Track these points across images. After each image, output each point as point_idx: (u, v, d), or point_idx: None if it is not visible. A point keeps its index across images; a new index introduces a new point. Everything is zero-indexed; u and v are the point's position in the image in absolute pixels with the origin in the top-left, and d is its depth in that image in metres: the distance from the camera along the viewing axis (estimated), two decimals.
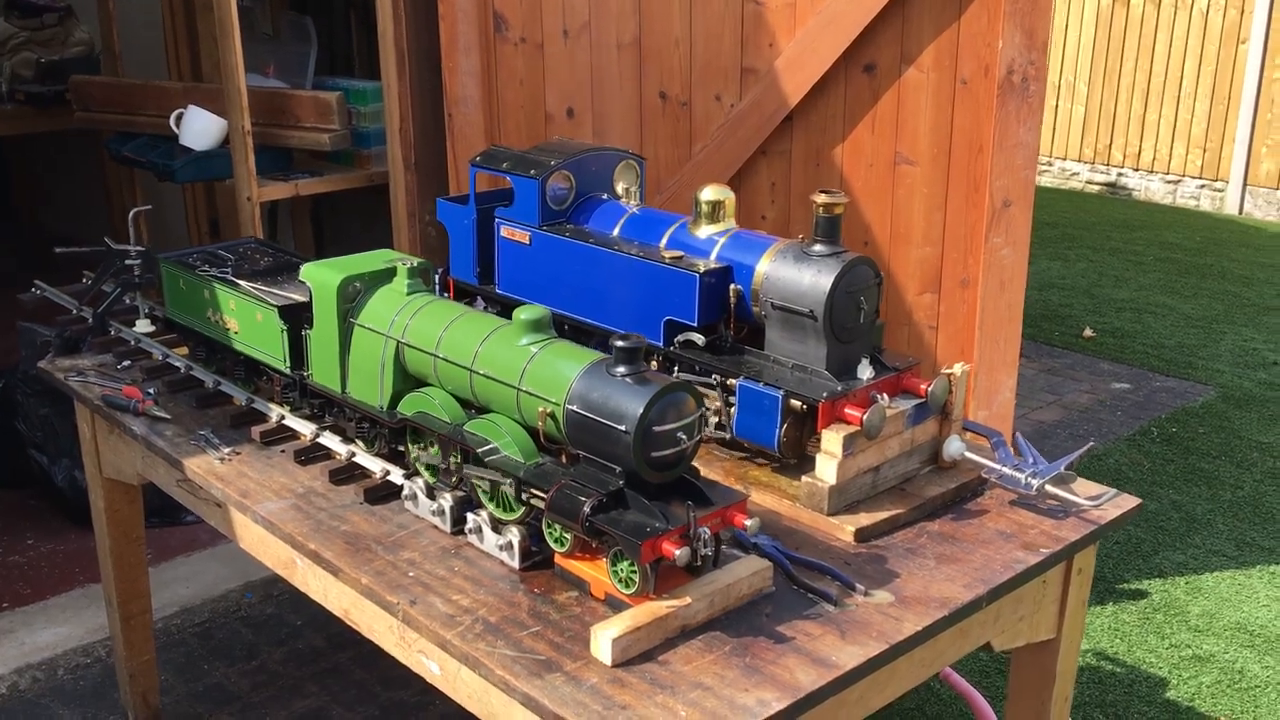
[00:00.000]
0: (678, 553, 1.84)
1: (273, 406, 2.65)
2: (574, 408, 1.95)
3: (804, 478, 2.30)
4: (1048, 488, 2.34)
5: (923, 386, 2.38)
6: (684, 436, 1.91)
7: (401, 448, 2.34)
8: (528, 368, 2.03)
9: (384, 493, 2.36)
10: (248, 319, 2.56)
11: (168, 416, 2.71)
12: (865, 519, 2.26)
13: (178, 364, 2.91)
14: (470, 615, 1.98)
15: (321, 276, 2.33)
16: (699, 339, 2.43)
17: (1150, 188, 10.93)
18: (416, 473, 2.29)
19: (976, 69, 3.71)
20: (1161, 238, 9.40)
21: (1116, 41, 10.85)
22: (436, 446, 2.21)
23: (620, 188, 2.80)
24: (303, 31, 4.64)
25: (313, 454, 2.52)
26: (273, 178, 4.40)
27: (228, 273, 2.68)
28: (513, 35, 4.03)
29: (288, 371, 2.50)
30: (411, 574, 2.11)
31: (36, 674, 3.61)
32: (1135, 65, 10.80)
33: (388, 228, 4.88)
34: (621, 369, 1.94)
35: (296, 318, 2.47)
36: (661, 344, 2.49)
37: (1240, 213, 10.33)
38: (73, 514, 4.34)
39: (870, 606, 2.02)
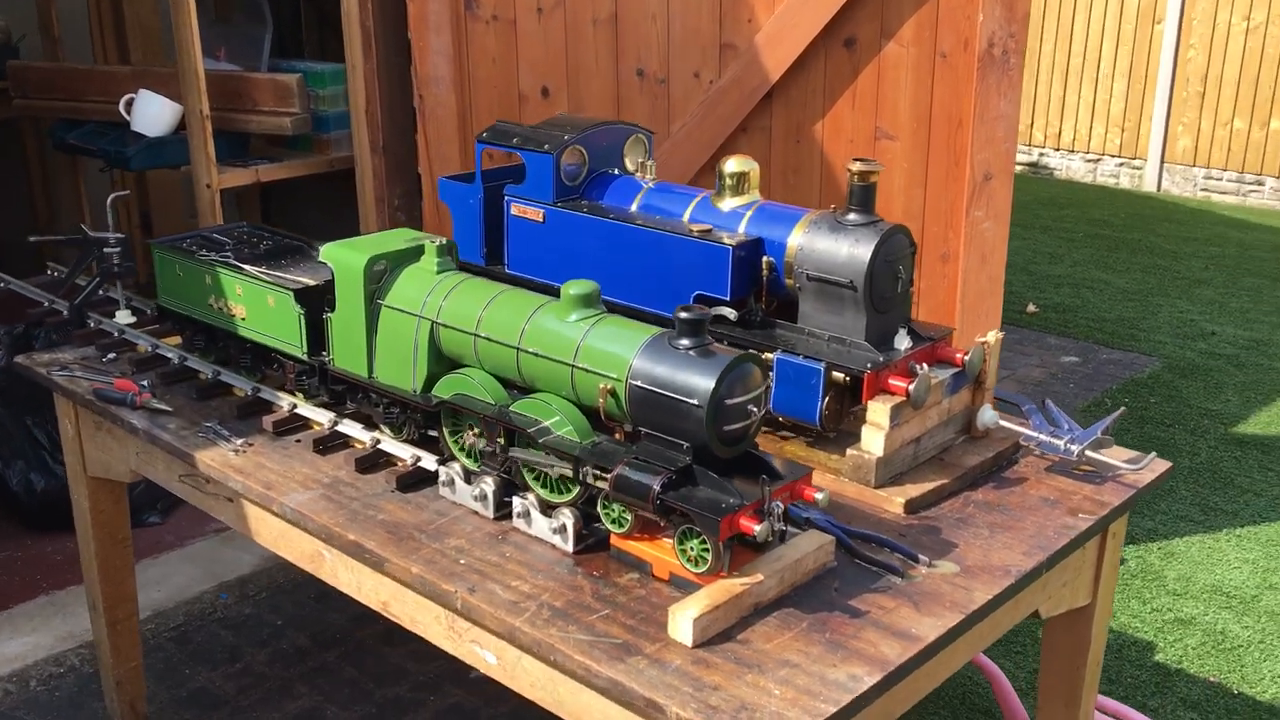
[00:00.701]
0: (757, 528, 1.80)
1: (282, 395, 2.54)
2: (638, 383, 1.89)
3: (849, 450, 2.27)
4: (1088, 453, 2.34)
5: (958, 356, 2.37)
6: (754, 409, 1.87)
7: (434, 432, 2.26)
8: (582, 344, 1.97)
9: (415, 479, 2.27)
10: (257, 304, 2.45)
11: (169, 409, 2.59)
12: (913, 490, 2.24)
13: (169, 354, 2.78)
14: (534, 601, 1.91)
15: (345, 257, 2.24)
16: (731, 313, 2.37)
17: (1071, 167, 11.15)
18: (452, 457, 2.21)
19: (956, 43, 3.72)
20: (1089, 215, 9.59)
21: (1035, 23, 11.03)
22: (478, 429, 2.13)
23: (630, 162, 2.75)
24: (257, 13, 4.48)
25: (332, 442, 2.42)
26: (230, 164, 4.25)
27: (229, 257, 2.56)
28: (484, 13, 3.94)
29: (305, 357, 2.39)
30: (463, 561, 2.03)
31: (8, 686, 3.44)
32: (1055, 46, 11.01)
33: (345, 213, 4.76)
34: (685, 341, 1.89)
35: (315, 301, 2.37)
36: None
37: (1159, 190, 10.59)
38: (28, 519, 4.15)
39: (936, 577, 2.00)
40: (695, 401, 1.82)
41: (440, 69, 3.92)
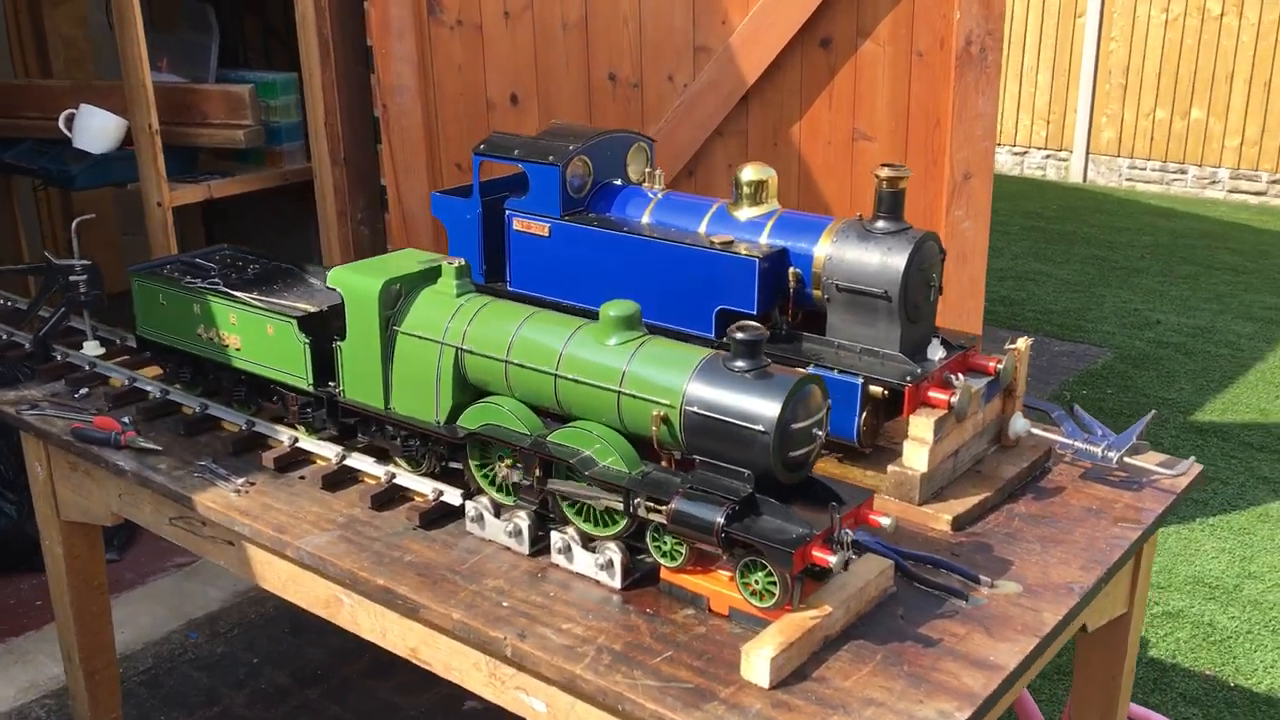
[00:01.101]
0: (833, 560, 1.71)
1: (281, 429, 2.39)
2: (694, 409, 1.79)
3: (890, 467, 2.19)
4: (1125, 459, 2.29)
5: (991, 364, 2.30)
6: (819, 433, 1.78)
7: (456, 464, 2.13)
8: (629, 369, 1.86)
9: (437, 515, 2.15)
10: (254, 334, 2.30)
11: (157, 448, 2.42)
12: (958, 506, 2.17)
13: (148, 388, 2.61)
14: (591, 645, 1.80)
15: (357, 282, 2.10)
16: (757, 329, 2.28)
17: (999, 160, 11.27)
18: (480, 491, 2.09)
19: (932, 41, 3.68)
20: (1021, 207, 9.69)
21: None
22: (510, 461, 2.01)
23: (633, 172, 2.64)
24: (202, 21, 4.28)
25: (341, 479, 2.28)
26: (180, 180, 4.05)
27: (218, 284, 2.40)
28: (448, 18, 3.80)
29: (310, 389, 2.25)
30: (506, 604, 1.91)
31: None
32: None
33: (295, 229, 4.58)
34: (742, 363, 1.80)
35: (320, 329, 2.23)
36: (713, 335, 2.34)
37: (1085, 180, 10.76)
38: None
39: (1000, 599, 1.93)
40: (760, 428, 1.72)
41: (404, 77, 3.77)
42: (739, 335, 1.79)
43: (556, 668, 1.77)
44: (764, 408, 1.73)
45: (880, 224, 2.24)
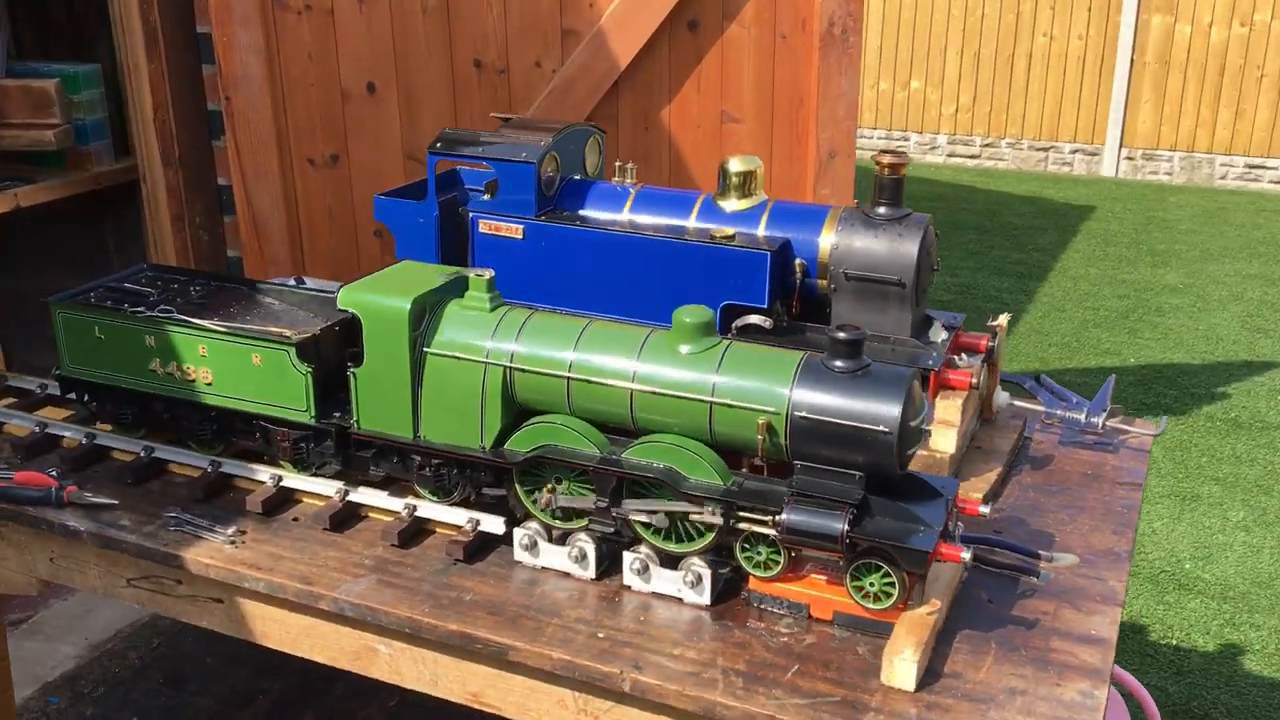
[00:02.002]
0: (965, 555, 1.71)
1: (257, 468, 2.15)
2: (803, 414, 1.73)
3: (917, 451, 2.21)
4: (1107, 423, 2.41)
5: (983, 342, 2.37)
6: (927, 428, 1.77)
7: (491, 491, 1.98)
8: (719, 378, 1.78)
9: (477, 547, 2.00)
10: (233, 365, 2.05)
11: (111, 501, 2.12)
12: (980, 484, 2.22)
13: (68, 433, 2.29)
14: (712, 668, 1.73)
15: (378, 302, 1.91)
16: (766, 321, 2.25)
17: None
18: (528, 516, 1.95)
19: (795, 23, 3.72)
20: None
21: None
22: (568, 482, 1.89)
23: (590, 165, 2.54)
24: None
25: (344, 518, 2.08)
26: None
27: (172, 311, 2.12)
28: (295, 2, 3.52)
29: (313, 422, 2.03)
30: (601, 634, 1.80)
31: None
32: None
33: (101, 239, 4.14)
34: (843, 364, 1.76)
35: (322, 355, 2.01)
36: (719, 330, 2.28)
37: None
38: None
39: (1061, 571, 1.99)
40: (883, 428, 1.70)
41: (250, 67, 3.46)
42: (840, 335, 1.75)
43: (691, 697, 1.68)
44: (883, 407, 1.70)
45: (882, 210, 2.25)
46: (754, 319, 2.26)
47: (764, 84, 3.77)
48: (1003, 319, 2.44)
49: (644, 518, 1.85)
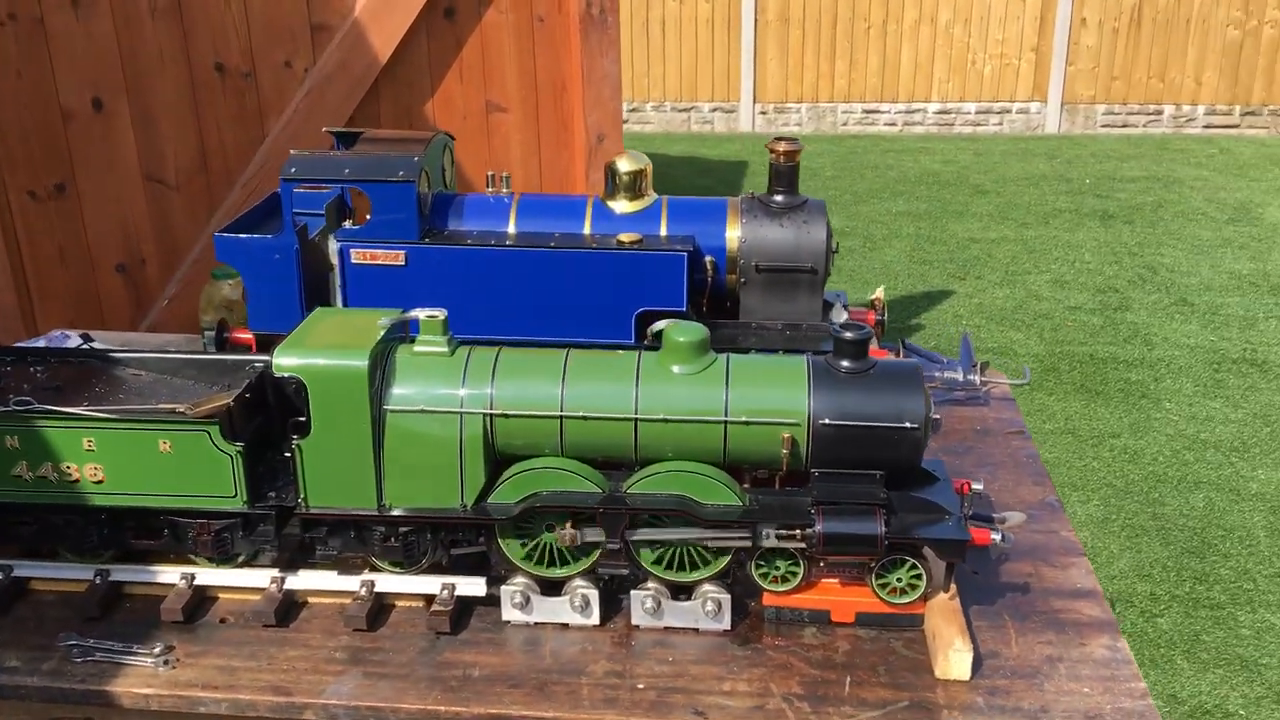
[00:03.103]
0: (996, 538, 1.73)
1: (158, 569, 1.84)
2: (827, 421, 1.68)
3: None
4: (982, 378, 2.53)
5: (871, 315, 2.41)
6: (937, 416, 1.77)
7: (468, 551, 1.80)
8: (730, 396, 1.70)
9: (458, 614, 1.81)
10: (131, 457, 1.72)
11: None
12: None
13: None
14: (771, 696, 1.66)
15: (331, 364, 1.66)
16: None
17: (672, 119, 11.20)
18: (513, 571, 1.78)
19: (550, 5, 3.63)
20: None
21: None
22: (561, 527, 1.74)
23: (446, 176, 2.35)
24: None
25: (289, 609, 1.82)
26: None
27: (30, 402, 1.76)
28: None
29: (244, 508, 1.75)
30: (641, 685, 1.68)
31: None
32: None
33: None
34: (851, 364, 1.72)
35: (250, 431, 1.74)
36: (632, 340, 2.18)
37: (753, 129, 10.76)
38: None
39: (1020, 531, 2.06)
40: (910, 424, 1.68)
41: None
42: (847, 335, 1.71)
43: None
44: (910, 404, 1.68)
45: (780, 198, 2.23)
46: (670, 323, 2.18)
47: (526, 70, 3.64)
48: (880, 292, 2.49)
49: (656, 552, 1.74)
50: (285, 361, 1.67)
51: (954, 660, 1.68)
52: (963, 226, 7.80)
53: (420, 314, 1.75)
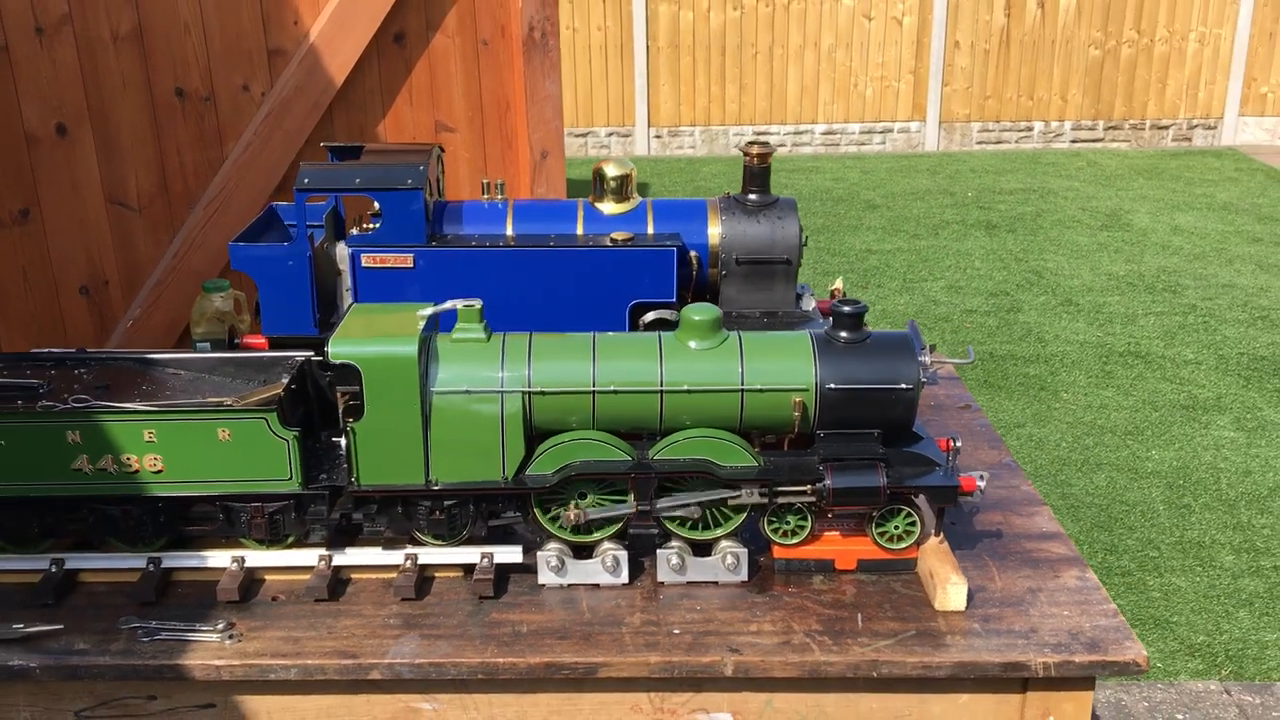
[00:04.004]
0: (981, 483, 1.95)
1: (208, 555, 1.95)
2: (832, 386, 1.89)
3: None
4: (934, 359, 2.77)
5: (826, 303, 2.63)
6: (927, 377, 1.99)
7: (503, 521, 1.95)
8: (745, 367, 1.89)
9: (498, 579, 1.96)
10: (191, 446, 1.84)
11: (54, 626, 1.84)
12: None
13: None
14: (796, 634, 1.85)
15: (383, 351, 1.81)
16: (672, 315, 2.36)
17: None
18: (549, 538, 1.95)
19: (494, 29, 3.80)
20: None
21: None
22: (593, 495, 1.91)
23: (440, 185, 2.50)
24: None
25: (336, 586, 1.95)
26: None
27: (87, 400, 1.86)
28: None
29: (299, 489, 1.87)
30: (677, 630, 1.85)
31: None
32: None
33: None
34: (849, 335, 1.93)
35: (301, 417, 1.87)
36: (626, 330, 2.36)
37: (649, 153, 10.93)
38: None
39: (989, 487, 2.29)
40: (905, 385, 1.89)
41: None
42: (845, 309, 1.92)
43: (795, 664, 1.79)
44: (904, 367, 1.90)
45: (754, 197, 2.44)
46: (665, 314, 2.36)
47: (472, 91, 3.80)
48: (839, 282, 2.72)
49: (682, 512, 1.92)
50: (340, 350, 1.81)
51: (951, 593, 1.89)
52: (859, 239, 8.15)
53: (459, 304, 1.91)
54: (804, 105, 11.01)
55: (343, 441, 1.87)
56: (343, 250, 2.31)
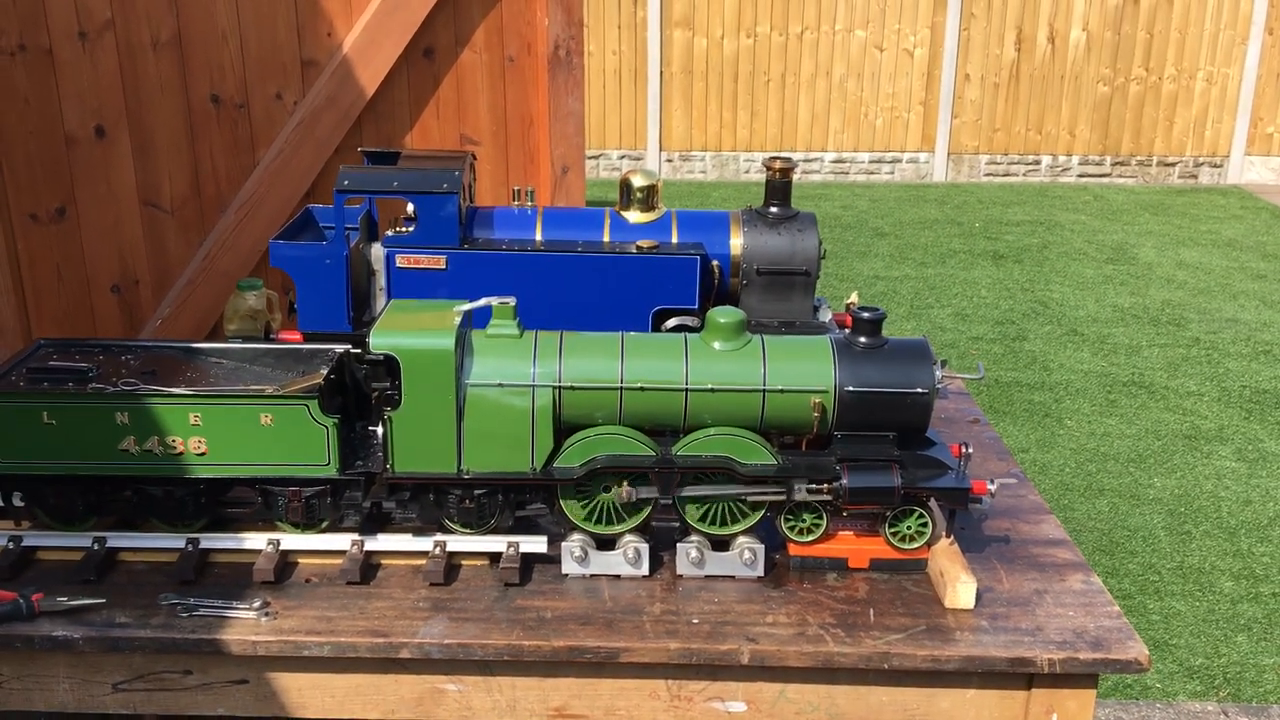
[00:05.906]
0: (992, 487, 2.02)
1: (245, 537, 2.02)
2: (850, 388, 1.96)
3: None
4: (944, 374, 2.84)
5: (849, 319, 2.70)
6: (942, 385, 2.06)
7: (528, 512, 2.03)
8: (768, 369, 1.97)
9: (523, 568, 2.03)
10: (234, 430, 1.92)
11: (98, 600, 1.91)
12: None
13: None
14: (811, 626, 1.92)
15: (421, 344, 1.89)
16: (694, 321, 2.45)
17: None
18: (573, 529, 2.02)
19: (520, 47, 3.90)
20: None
21: None
22: (617, 488, 1.99)
23: (472, 192, 2.59)
24: None
25: (368, 570, 2.02)
26: None
27: (135, 385, 1.94)
28: (6, 43, 3.16)
29: (336, 474, 1.95)
30: (696, 620, 1.92)
31: None
32: None
33: None
34: (867, 340, 2.01)
35: (340, 405, 1.95)
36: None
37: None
38: None
39: (998, 495, 2.36)
40: (921, 390, 1.97)
41: None
42: (865, 315, 2.00)
43: (809, 654, 1.86)
44: (920, 373, 1.98)
45: (775, 210, 2.52)
46: (687, 320, 2.45)
47: (497, 106, 3.89)
48: (854, 297, 2.80)
49: (700, 509, 1.99)
50: (381, 342, 1.89)
51: (961, 591, 1.96)
52: (867, 265, 8.24)
53: (494, 301, 1.99)
54: (814, 133, 11.13)
55: (379, 430, 1.94)
56: (378, 251, 2.39)
